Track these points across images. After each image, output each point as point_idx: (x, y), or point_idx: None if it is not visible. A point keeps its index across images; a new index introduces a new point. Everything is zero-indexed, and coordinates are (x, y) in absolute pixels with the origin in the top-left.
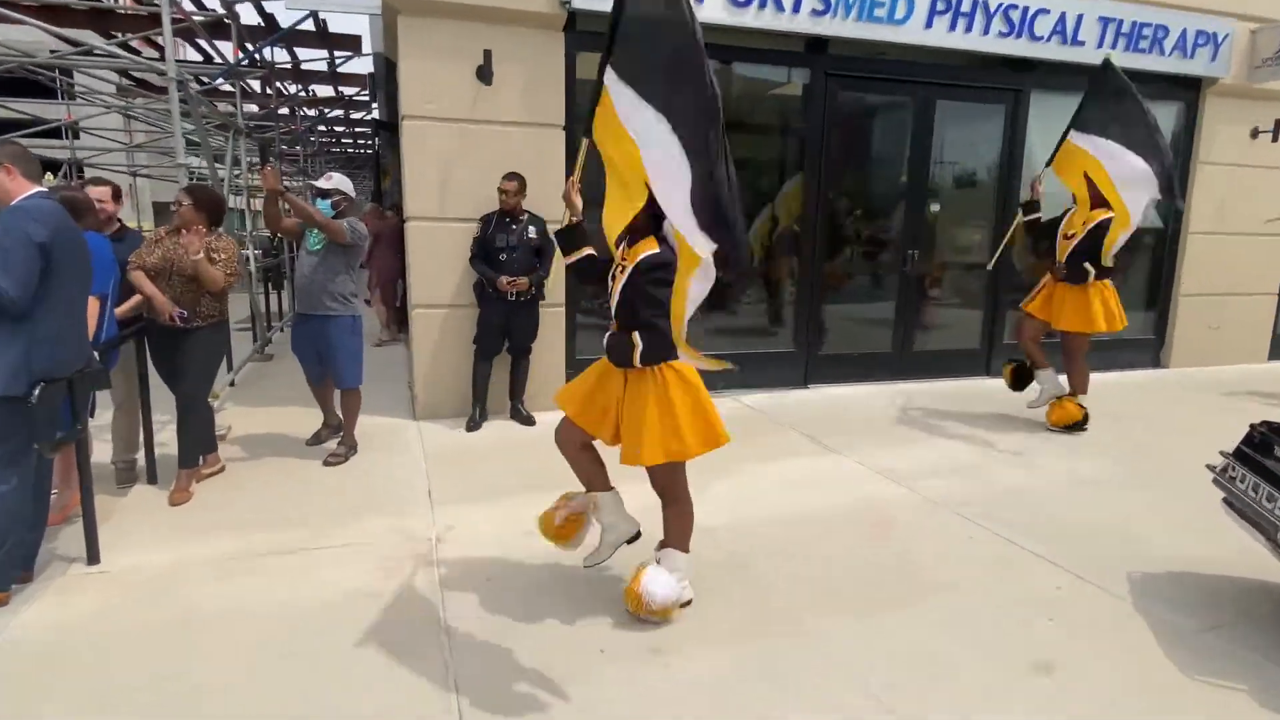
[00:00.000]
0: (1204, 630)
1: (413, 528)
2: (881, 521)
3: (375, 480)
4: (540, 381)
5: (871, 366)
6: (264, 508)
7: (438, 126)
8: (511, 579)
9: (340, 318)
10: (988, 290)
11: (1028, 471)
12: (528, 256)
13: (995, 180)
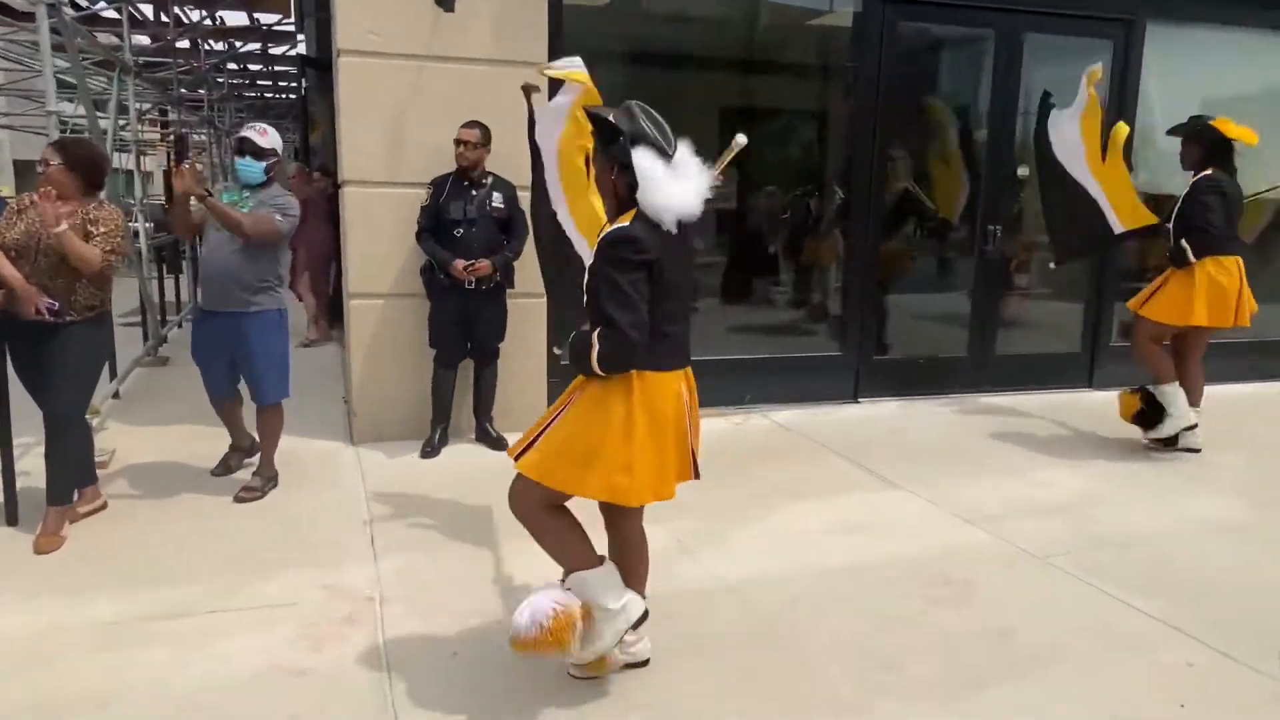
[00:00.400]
0: None
1: (349, 584)
2: (958, 576)
3: (300, 522)
4: (514, 394)
5: (941, 375)
6: (156, 557)
7: (384, 65)
8: (484, 653)
9: (263, 313)
10: (1092, 277)
11: (1146, 512)
12: (491, 231)
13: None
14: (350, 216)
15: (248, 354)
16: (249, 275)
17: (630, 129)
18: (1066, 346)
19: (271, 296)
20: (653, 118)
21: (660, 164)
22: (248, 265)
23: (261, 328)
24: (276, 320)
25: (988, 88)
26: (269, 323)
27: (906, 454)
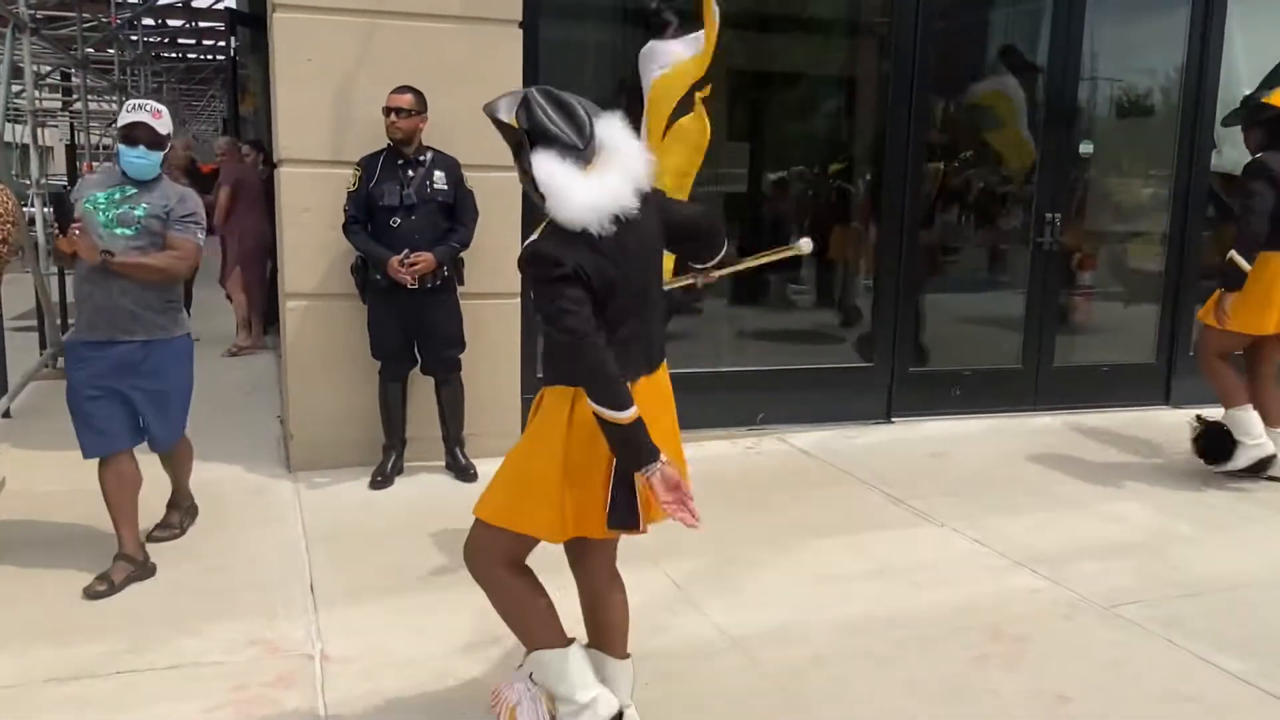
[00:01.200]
0: None
1: (283, 639)
2: (1010, 630)
3: (228, 566)
4: (486, 414)
5: (990, 390)
6: (55, 608)
7: (328, 21)
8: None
9: (173, 341)
10: (1167, 277)
11: (1229, 553)
12: (434, 218)
13: (1177, 108)
14: (286, 201)
15: (155, 390)
16: (154, 298)
17: (529, 126)
18: (1139, 356)
19: (180, 319)
20: (558, 104)
21: (566, 165)
22: (149, 285)
23: (169, 358)
24: (186, 349)
25: (1045, 49)
26: (181, 351)
27: (948, 484)
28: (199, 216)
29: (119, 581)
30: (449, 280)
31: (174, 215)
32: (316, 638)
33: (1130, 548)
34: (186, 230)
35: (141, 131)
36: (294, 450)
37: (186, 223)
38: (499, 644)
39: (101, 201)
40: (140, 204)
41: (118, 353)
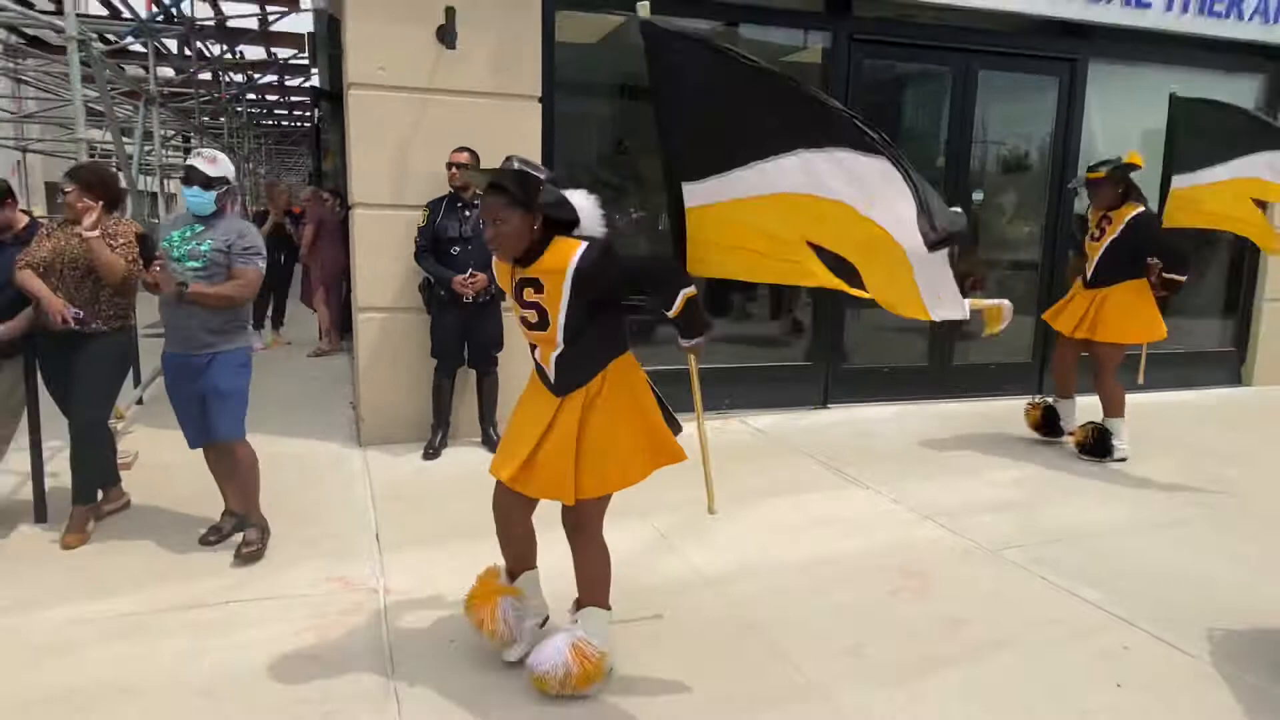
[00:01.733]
0: None
1: (355, 577)
2: (918, 569)
3: (309, 519)
4: (514, 401)
5: (904, 383)
6: (175, 552)
7: (390, 97)
8: (479, 642)
9: (229, 353)
10: (1040, 293)
11: (1089, 509)
12: (484, 248)
13: (1047, 165)
14: (359, 236)
15: (213, 394)
16: (216, 319)
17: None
18: (1019, 356)
19: (237, 336)
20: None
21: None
22: (216, 309)
23: (225, 368)
24: (242, 360)
25: (946, 119)
26: (234, 362)
27: (871, 456)
28: (258, 248)
29: (226, 530)
30: (495, 296)
31: (235, 249)
32: (381, 575)
33: (1011, 505)
34: (249, 262)
35: (195, 174)
36: (363, 429)
37: (248, 255)
38: None
39: (175, 240)
40: (206, 240)
41: (190, 364)
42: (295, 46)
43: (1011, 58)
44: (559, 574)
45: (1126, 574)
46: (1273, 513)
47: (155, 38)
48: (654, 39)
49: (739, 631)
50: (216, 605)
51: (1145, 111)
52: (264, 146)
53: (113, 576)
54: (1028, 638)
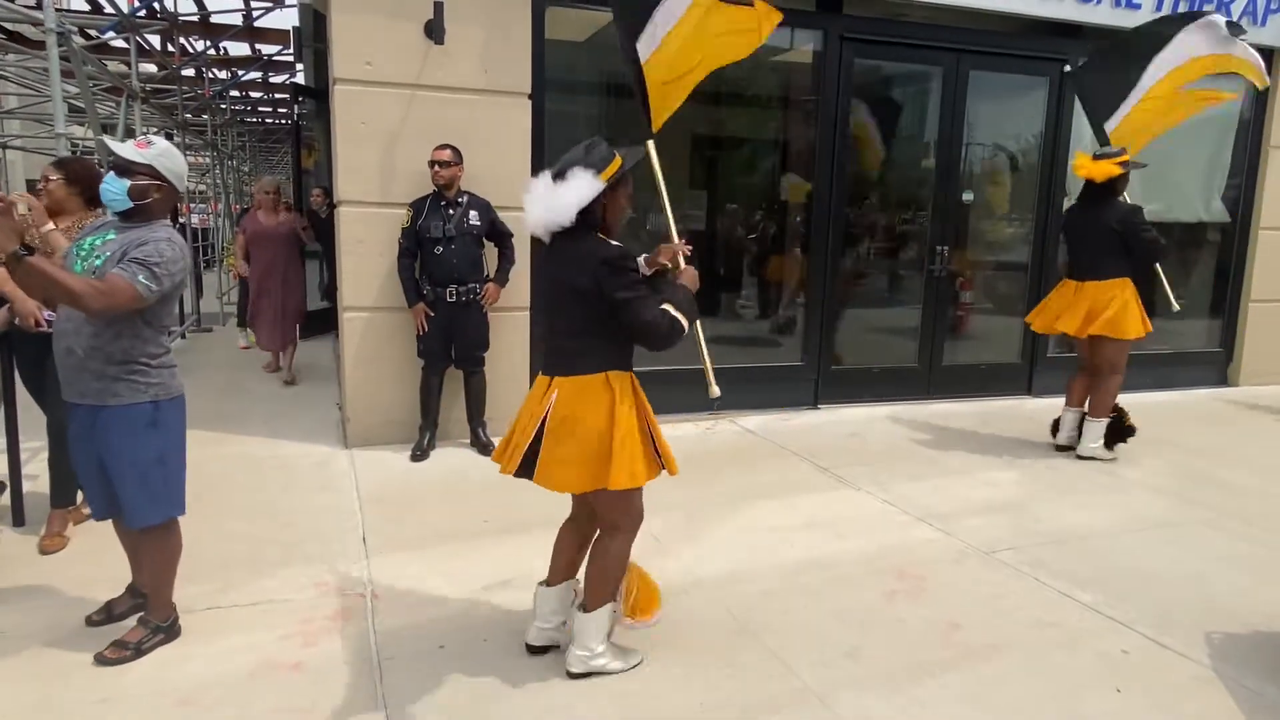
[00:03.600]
0: None
1: (342, 581)
2: (912, 571)
3: (296, 523)
4: (503, 401)
5: (895, 383)
6: None
7: (377, 93)
8: (469, 646)
9: (127, 408)
10: (1029, 294)
11: (1082, 510)
12: (470, 247)
13: (1037, 165)
14: (346, 234)
15: (109, 462)
16: (103, 356)
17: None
18: (1008, 357)
19: (141, 384)
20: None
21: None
22: (105, 340)
23: (124, 426)
24: (148, 416)
25: (936, 119)
26: (135, 420)
27: (863, 456)
28: (151, 261)
29: (120, 611)
30: (476, 299)
31: (126, 256)
32: (369, 580)
33: (1004, 506)
34: (127, 271)
35: (108, 156)
36: (350, 431)
37: (129, 264)
38: (510, 585)
39: (85, 247)
40: (106, 251)
41: (80, 414)
42: (280, 42)
43: (1002, 57)
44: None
45: (1122, 576)
46: (1266, 513)
47: (137, 33)
48: None
49: (734, 635)
50: (199, 611)
51: None
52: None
53: (92, 581)
54: (1025, 641)
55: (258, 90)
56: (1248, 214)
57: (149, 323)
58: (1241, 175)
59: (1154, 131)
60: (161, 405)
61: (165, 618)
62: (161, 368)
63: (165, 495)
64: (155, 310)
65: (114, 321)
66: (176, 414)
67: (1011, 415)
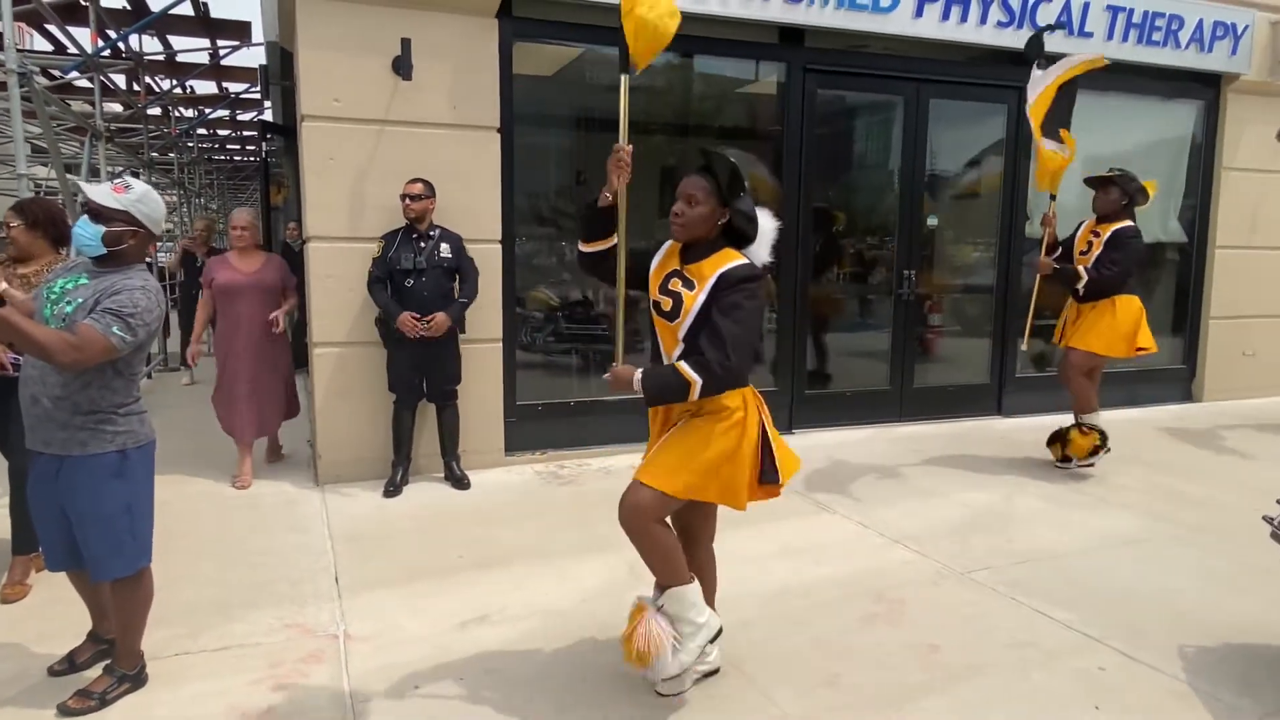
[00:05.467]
0: (1270, 715)
1: (313, 623)
2: (890, 594)
3: (266, 564)
4: (476, 434)
5: (867, 406)
6: None
7: (346, 129)
8: (447, 688)
9: (93, 459)
10: (995, 317)
11: (1055, 529)
12: (440, 280)
13: (999, 189)
14: (315, 269)
15: (73, 513)
16: (70, 406)
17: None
18: (977, 378)
19: (108, 433)
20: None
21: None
22: (73, 390)
23: (89, 476)
24: (114, 466)
25: (899, 147)
26: (101, 470)
27: (838, 480)
28: (125, 311)
29: (83, 660)
30: (453, 329)
31: (100, 305)
32: (341, 620)
33: (978, 527)
34: (100, 322)
35: (90, 201)
36: (321, 467)
37: (103, 314)
38: (488, 620)
39: (56, 290)
40: (79, 298)
41: (44, 464)
42: (247, 80)
43: (961, 86)
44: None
45: (1096, 593)
46: (1234, 526)
47: (102, 72)
48: None
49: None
50: (165, 657)
51: (1089, 137)
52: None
53: (56, 630)
54: (1003, 661)
55: (225, 128)
56: (1204, 234)
57: (120, 372)
58: (1196, 196)
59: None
60: (129, 454)
61: (132, 666)
62: (130, 415)
63: (133, 546)
64: (127, 359)
65: (84, 372)
66: (144, 461)
67: (982, 435)
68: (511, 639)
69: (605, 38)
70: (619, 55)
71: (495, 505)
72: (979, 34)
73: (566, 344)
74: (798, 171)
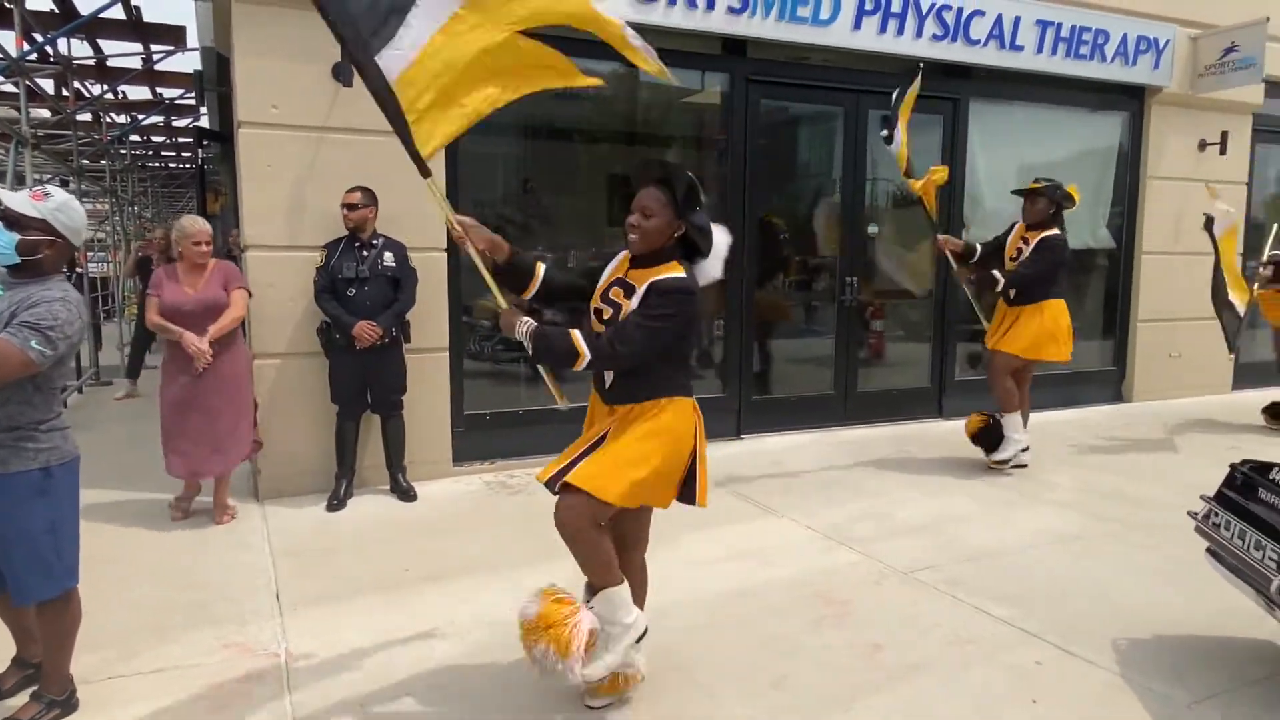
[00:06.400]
0: (1198, 702)
1: (254, 642)
2: (836, 596)
3: (204, 582)
4: (422, 444)
5: (813, 411)
6: None
7: (285, 136)
8: (392, 705)
9: (11, 477)
10: (935, 321)
11: (995, 527)
12: (384, 289)
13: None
14: (253, 279)
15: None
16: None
17: (702, 195)
18: (918, 382)
19: (30, 451)
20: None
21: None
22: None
23: (11, 496)
24: (37, 484)
25: (840, 157)
26: (24, 488)
27: (785, 484)
28: (44, 325)
29: (7, 687)
30: (396, 338)
31: (17, 318)
32: (282, 638)
33: (920, 527)
34: (18, 335)
35: (4, 209)
36: (261, 482)
37: (21, 328)
38: (436, 634)
39: None
40: None
41: None
42: (182, 85)
43: None
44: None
45: (1033, 590)
46: (1163, 522)
47: (28, 77)
48: None
49: (664, 672)
50: (98, 681)
51: (1022, 146)
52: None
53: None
54: (944, 659)
55: (160, 134)
56: (1131, 240)
57: (40, 388)
58: (1124, 204)
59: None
60: (53, 471)
61: (62, 691)
62: (52, 431)
63: (58, 566)
64: (47, 374)
65: (2, 388)
66: (69, 479)
67: (924, 438)
68: (460, 652)
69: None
70: (413, 162)
71: (443, 517)
72: (914, 46)
73: (516, 352)
74: (742, 180)
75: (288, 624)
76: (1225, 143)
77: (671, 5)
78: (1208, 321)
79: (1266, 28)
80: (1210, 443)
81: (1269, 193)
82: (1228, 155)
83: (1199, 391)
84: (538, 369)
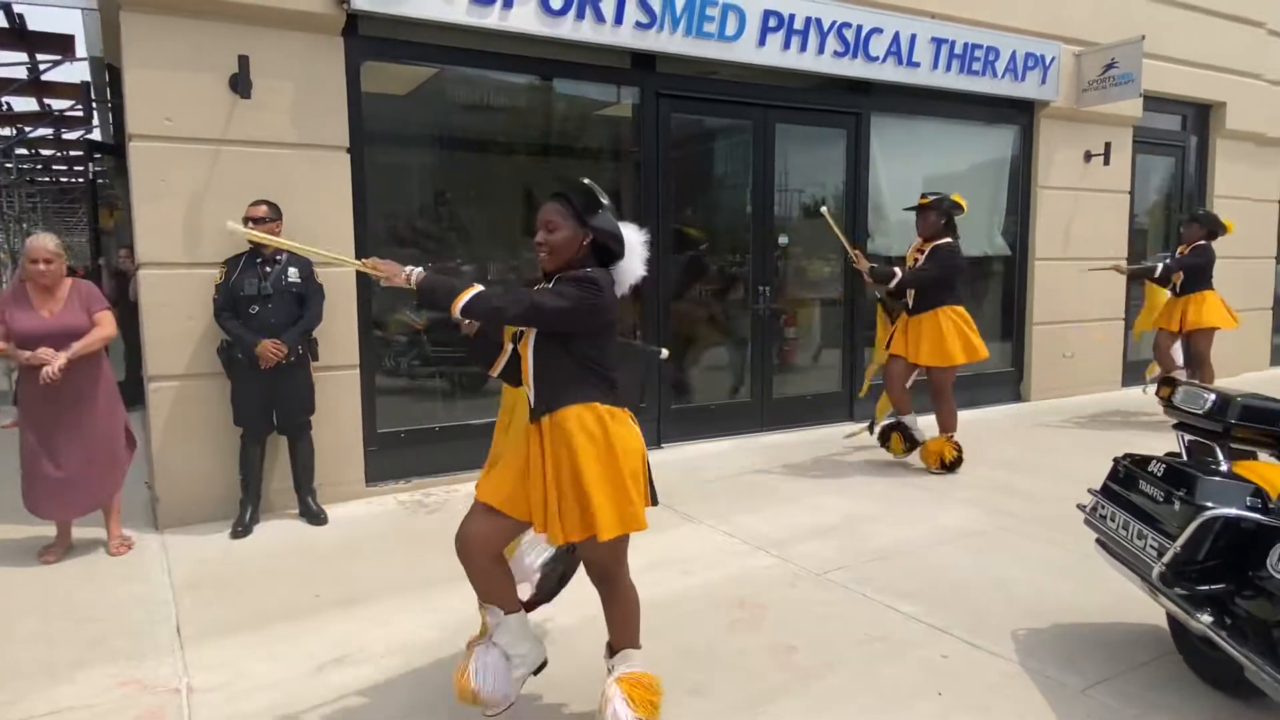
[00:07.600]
0: (1091, 686)
1: (152, 678)
2: (752, 600)
3: (98, 617)
4: (333, 465)
5: (731, 418)
6: None
7: (179, 149)
8: None
9: None
10: (845, 329)
11: (902, 526)
12: (289, 306)
13: (842, 207)
14: (148, 298)
15: None
16: None
17: (606, 201)
18: (830, 387)
19: None
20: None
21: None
22: None
23: None
24: None
25: (749, 169)
26: None
27: (703, 492)
28: None
29: None
30: (303, 357)
31: None
32: (183, 673)
33: (833, 529)
34: None
35: None
36: (161, 511)
37: None
38: (347, 660)
39: None
40: None
41: None
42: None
43: (804, 111)
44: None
45: (939, 585)
46: (1058, 516)
47: None
48: None
49: (584, 683)
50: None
51: (922, 158)
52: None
53: None
54: (854, 657)
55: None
56: (1025, 247)
57: None
58: (1017, 213)
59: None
60: None
61: None
62: None
63: None
64: None
65: None
66: None
67: (837, 441)
68: (372, 678)
69: (459, 59)
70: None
71: (355, 539)
72: (817, 63)
73: (432, 367)
74: (656, 193)
75: (189, 658)
76: (1109, 153)
77: (580, 19)
78: (1096, 323)
79: (1142, 46)
80: (1102, 438)
81: (1150, 200)
82: (1111, 165)
83: (1091, 389)
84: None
